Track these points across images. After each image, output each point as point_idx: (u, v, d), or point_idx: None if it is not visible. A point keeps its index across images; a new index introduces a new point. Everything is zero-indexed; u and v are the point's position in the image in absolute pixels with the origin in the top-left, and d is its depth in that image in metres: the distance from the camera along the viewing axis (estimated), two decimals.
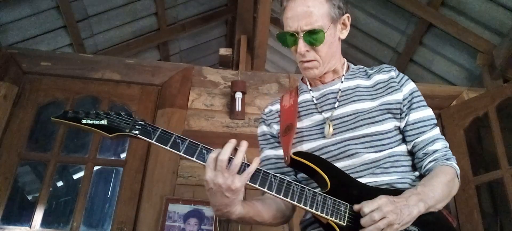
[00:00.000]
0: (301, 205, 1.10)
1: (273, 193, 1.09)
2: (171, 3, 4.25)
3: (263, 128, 1.42)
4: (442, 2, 3.38)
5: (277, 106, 1.42)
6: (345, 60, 1.39)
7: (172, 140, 1.11)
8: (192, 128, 2.86)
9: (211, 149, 1.11)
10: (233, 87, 2.92)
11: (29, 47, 3.45)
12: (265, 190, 1.08)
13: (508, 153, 2.68)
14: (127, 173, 2.71)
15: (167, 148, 1.11)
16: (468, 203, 2.71)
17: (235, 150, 1.09)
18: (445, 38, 3.55)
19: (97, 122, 1.14)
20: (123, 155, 2.93)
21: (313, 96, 1.35)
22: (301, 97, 1.38)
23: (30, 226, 2.56)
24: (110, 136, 1.13)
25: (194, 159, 1.10)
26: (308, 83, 1.38)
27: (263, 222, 1.22)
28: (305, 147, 1.28)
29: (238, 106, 2.86)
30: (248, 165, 1.08)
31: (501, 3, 3.06)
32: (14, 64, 2.94)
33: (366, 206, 1.03)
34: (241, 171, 1.07)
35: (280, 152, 1.35)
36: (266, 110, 1.44)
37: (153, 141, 1.11)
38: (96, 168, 2.84)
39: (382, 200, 1.03)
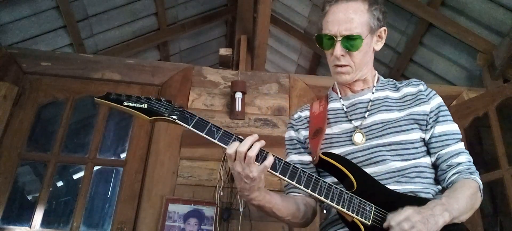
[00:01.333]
0: (328, 201, 1.12)
1: (301, 187, 1.12)
2: (171, 3, 4.25)
3: (291, 133, 1.44)
4: (442, 2, 3.38)
5: (306, 113, 1.44)
6: (376, 72, 1.43)
7: (208, 127, 1.17)
8: None
9: (243, 139, 1.14)
10: (233, 87, 2.92)
11: (29, 47, 3.45)
12: (294, 183, 1.12)
13: (508, 153, 2.68)
14: (127, 173, 2.71)
15: (203, 134, 1.17)
16: None
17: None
18: (445, 38, 3.55)
19: (138, 105, 1.19)
20: (123, 155, 2.93)
21: (343, 104, 1.37)
22: (331, 105, 1.40)
23: (30, 226, 2.56)
24: (150, 118, 1.17)
25: (227, 147, 1.14)
26: (338, 92, 1.41)
27: (282, 218, 1.26)
28: (334, 151, 1.29)
29: (238, 107, 2.86)
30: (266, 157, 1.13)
31: (501, 3, 3.06)
32: (14, 64, 2.94)
33: (393, 219, 1.06)
34: (260, 161, 1.11)
35: (305, 157, 1.38)
36: (295, 116, 1.47)
37: (190, 127, 1.17)
38: (96, 168, 2.84)
39: (409, 211, 1.05)
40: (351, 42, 1.25)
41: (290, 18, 4.61)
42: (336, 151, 1.29)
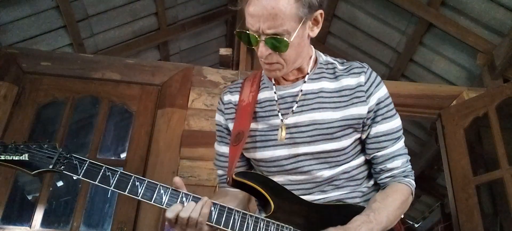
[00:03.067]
0: None
1: (213, 224, 1.02)
2: (171, 3, 4.24)
3: (220, 119, 1.34)
4: (442, 2, 3.38)
5: (236, 98, 1.28)
6: (314, 52, 1.23)
7: (101, 173, 1.01)
8: (192, 128, 2.86)
9: (144, 180, 1.06)
10: None
11: (29, 47, 3.45)
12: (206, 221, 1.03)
13: (508, 153, 2.68)
14: None
15: (96, 183, 1.01)
16: (468, 203, 2.71)
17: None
18: (445, 38, 3.55)
19: (16, 158, 1.00)
20: (123, 155, 2.93)
21: (275, 93, 1.21)
22: (262, 95, 1.24)
23: (30, 226, 2.56)
24: (32, 173, 1.01)
25: (126, 193, 1.03)
26: (273, 79, 1.24)
27: None
28: (258, 155, 1.19)
29: None
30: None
31: (501, 3, 3.06)
32: (14, 64, 2.94)
33: None
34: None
35: None
36: (225, 99, 1.32)
37: (79, 176, 1.01)
38: None
39: None
40: (276, 43, 1.06)
41: None
42: (260, 153, 1.19)
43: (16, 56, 2.98)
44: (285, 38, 1.05)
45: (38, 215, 2.59)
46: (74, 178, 1.00)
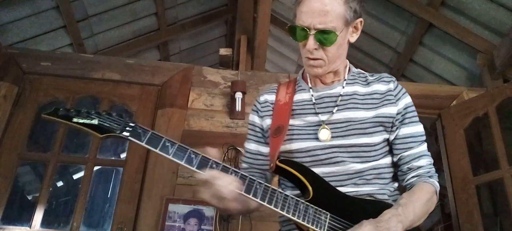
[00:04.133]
0: (284, 213, 1.12)
1: (258, 200, 1.12)
2: (171, 3, 4.25)
3: (254, 119, 1.40)
4: (442, 2, 3.38)
5: (272, 98, 1.39)
6: (348, 62, 1.38)
7: (161, 142, 1.11)
8: (192, 128, 2.86)
9: (199, 154, 1.12)
10: (233, 87, 2.92)
11: (29, 47, 3.45)
12: (251, 196, 1.12)
13: (508, 153, 2.68)
14: (127, 173, 2.71)
15: (157, 150, 1.10)
16: (468, 203, 2.71)
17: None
18: (445, 38, 3.55)
19: (87, 121, 1.14)
20: (123, 155, 2.94)
21: (312, 95, 1.33)
22: (299, 96, 1.35)
23: (30, 226, 2.56)
24: (101, 136, 1.13)
25: (182, 162, 1.10)
26: (308, 81, 1.37)
27: (231, 212, 1.28)
28: (295, 146, 1.28)
29: (238, 106, 2.86)
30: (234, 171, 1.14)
31: (501, 3, 3.06)
32: (14, 64, 2.94)
33: None
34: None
35: (264, 149, 1.36)
36: (261, 99, 1.41)
37: (142, 143, 1.11)
38: (96, 168, 2.84)
39: (366, 227, 1.06)
40: (325, 36, 1.19)
41: (290, 18, 4.60)
42: (297, 144, 1.27)
43: (16, 56, 2.98)
44: (334, 32, 1.19)
45: (38, 215, 2.59)
46: (138, 143, 1.11)
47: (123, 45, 4.25)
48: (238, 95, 2.88)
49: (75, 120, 1.13)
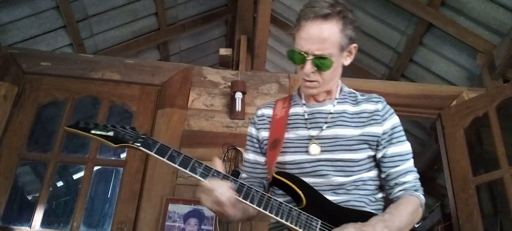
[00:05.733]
0: (278, 218, 1.21)
1: (255, 206, 1.21)
2: (171, 3, 4.25)
3: (252, 131, 1.51)
4: (442, 2, 3.38)
5: (270, 112, 1.49)
6: (340, 82, 1.48)
7: (169, 153, 1.27)
8: (192, 128, 2.86)
9: (202, 164, 1.25)
10: (233, 87, 2.92)
11: (29, 47, 3.45)
12: (248, 202, 1.21)
13: (508, 153, 2.68)
14: (127, 173, 2.71)
15: (164, 159, 1.27)
16: (468, 203, 2.71)
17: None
18: (445, 38, 3.55)
19: (104, 133, 1.28)
20: (123, 155, 2.93)
21: (305, 111, 1.43)
22: (293, 110, 1.46)
23: (30, 226, 2.56)
24: (115, 146, 1.27)
25: (187, 171, 1.25)
26: (303, 98, 1.47)
27: (228, 219, 1.34)
28: (288, 158, 1.37)
29: (238, 107, 2.86)
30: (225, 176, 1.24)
31: (501, 3, 3.06)
32: (14, 64, 2.94)
33: None
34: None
35: (261, 158, 1.47)
36: (259, 113, 1.52)
37: (152, 153, 1.27)
38: (96, 168, 2.84)
39: (350, 228, 1.14)
40: (321, 61, 1.29)
41: (290, 18, 4.61)
42: (289, 157, 1.37)
43: (16, 56, 2.98)
44: (329, 59, 1.29)
45: (38, 215, 2.59)
46: (148, 153, 1.28)
47: (123, 45, 4.25)
48: (238, 95, 2.88)
49: (93, 132, 1.28)
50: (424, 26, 3.60)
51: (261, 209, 1.21)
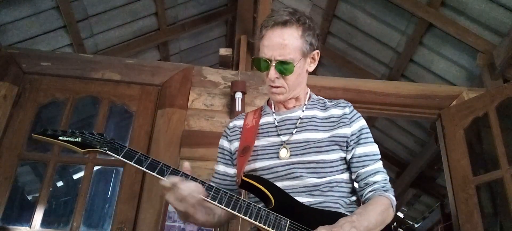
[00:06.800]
0: (247, 217, 1.23)
1: (223, 206, 1.23)
2: (171, 3, 4.25)
3: (223, 143, 1.55)
4: (442, 2, 3.38)
5: (240, 122, 1.53)
6: (309, 90, 1.53)
7: (136, 157, 1.30)
8: (192, 128, 2.86)
9: (170, 166, 1.29)
10: (233, 87, 2.92)
11: (29, 47, 3.45)
12: (216, 203, 1.24)
13: (508, 153, 2.68)
14: (127, 173, 2.71)
15: (132, 163, 1.28)
16: (468, 203, 2.71)
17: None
18: (445, 38, 3.55)
19: (72, 139, 1.31)
20: None
21: (275, 119, 1.47)
22: (264, 119, 1.50)
23: (30, 226, 2.56)
24: (82, 151, 1.30)
25: (155, 173, 1.29)
26: (273, 107, 1.52)
27: (198, 223, 1.38)
28: (258, 165, 1.41)
29: (238, 107, 2.86)
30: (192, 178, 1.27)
31: (501, 3, 3.06)
32: (14, 64, 2.94)
33: None
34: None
35: (231, 170, 1.50)
36: (231, 125, 1.56)
37: (120, 157, 1.29)
38: (96, 168, 2.84)
39: (321, 230, 1.15)
40: (284, 66, 1.35)
41: None
42: (260, 163, 1.41)
43: (16, 56, 2.98)
44: (291, 63, 1.35)
45: (38, 215, 2.59)
46: (114, 158, 1.30)
47: (123, 45, 4.26)
48: (238, 95, 2.87)
49: (61, 138, 1.31)
50: (424, 26, 3.60)
51: (229, 209, 1.23)
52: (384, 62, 4.18)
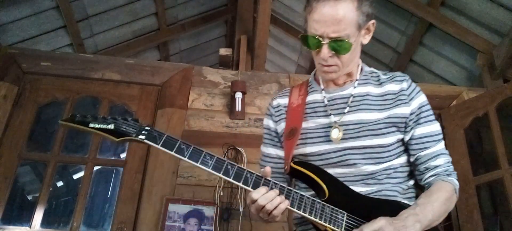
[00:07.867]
0: (301, 212, 1.12)
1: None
2: (171, 3, 4.25)
3: (269, 123, 1.41)
4: (442, 2, 3.38)
5: (285, 101, 1.39)
6: (360, 61, 1.36)
7: (177, 145, 1.18)
8: (192, 128, 2.86)
9: (214, 156, 1.15)
10: (233, 87, 2.92)
11: (29, 47, 3.45)
12: (302, 212, 1.13)
13: (508, 153, 2.68)
14: (127, 173, 2.71)
15: (173, 153, 1.16)
16: (468, 203, 2.71)
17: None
18: (445, 38, 3.55)
19: (104, 126, 1.17)
20: (123, 155, 2.93)
21: (324, 97, 1.33)
22: (311, 97, 1.36)
23: (30, 226, 2.56)
24: (117, 140, 1.16)
25: (198, 164, 1.15)
26: (321, 83, 1.36)
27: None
28: (308, 149, 1.28)
29: (238, 107, 2.86)
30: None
31: (501, 3, 3.06)
32: (14, 64, 2.94)
33: (366, 228, 1.06)
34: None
35: (282, 152, 1.36)
36: (274, 103, 1.42)
37: (159, 146, 1.16)
38: (96, 168, 2.84)
39: (381, 222, 1.05)
40: (339, 44, 1.17)
41: (290, 18, 4.61)
42: (311, 148, 1.28)
43: (16, 56, 2.97)
44: (347, 41, 1.17)
45: (38, 215, 2.58)
46: (154, 146, 1.16)
47: (123, 45, 4.26)
48: (238, 95, 2.88)
49: (91, 125, 1.17)
50: (424, 26, 3.60)
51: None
52: (384, 62, 4.18)
